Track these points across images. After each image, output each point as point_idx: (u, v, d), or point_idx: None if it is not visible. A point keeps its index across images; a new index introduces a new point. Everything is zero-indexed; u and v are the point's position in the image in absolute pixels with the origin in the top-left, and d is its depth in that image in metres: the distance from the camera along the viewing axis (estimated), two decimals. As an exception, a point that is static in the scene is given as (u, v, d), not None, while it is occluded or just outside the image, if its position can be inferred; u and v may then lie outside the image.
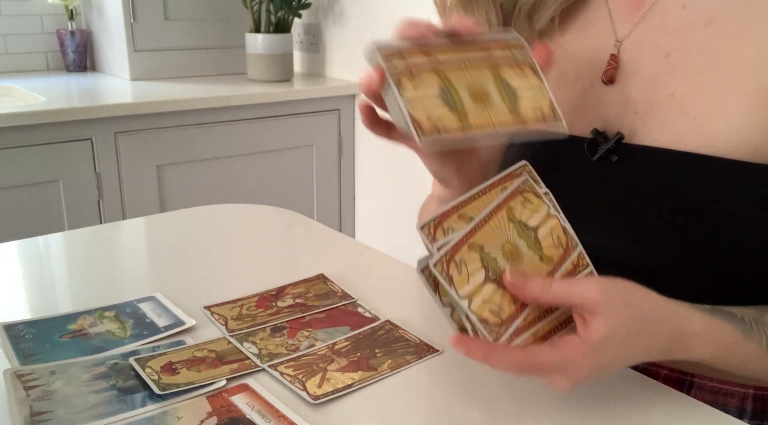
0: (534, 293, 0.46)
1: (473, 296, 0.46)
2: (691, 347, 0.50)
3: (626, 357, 0.48)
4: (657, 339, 0.48)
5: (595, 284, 0.46)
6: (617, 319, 0.45)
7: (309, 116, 2.01)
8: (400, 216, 2.03)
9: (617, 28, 0.63)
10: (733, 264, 0.57)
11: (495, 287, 0.47)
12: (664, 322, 0.48)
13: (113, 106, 1.65)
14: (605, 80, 0.62)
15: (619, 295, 0.46)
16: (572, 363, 0.45)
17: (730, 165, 0.55)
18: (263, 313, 0.66)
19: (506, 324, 0.46)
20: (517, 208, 0.50)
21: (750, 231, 0.56)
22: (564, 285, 0.46)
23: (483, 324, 0.45)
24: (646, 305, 0.48)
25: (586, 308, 0.45)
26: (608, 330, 0.45)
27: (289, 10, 2.01)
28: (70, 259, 0.82)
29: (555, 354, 0.45)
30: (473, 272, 0.46)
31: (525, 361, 0.45)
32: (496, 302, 0.46)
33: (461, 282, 0.45)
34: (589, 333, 0.45)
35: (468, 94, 0.50)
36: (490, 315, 0.46)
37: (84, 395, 0.52)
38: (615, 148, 0.60)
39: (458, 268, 0.46)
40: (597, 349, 0.45)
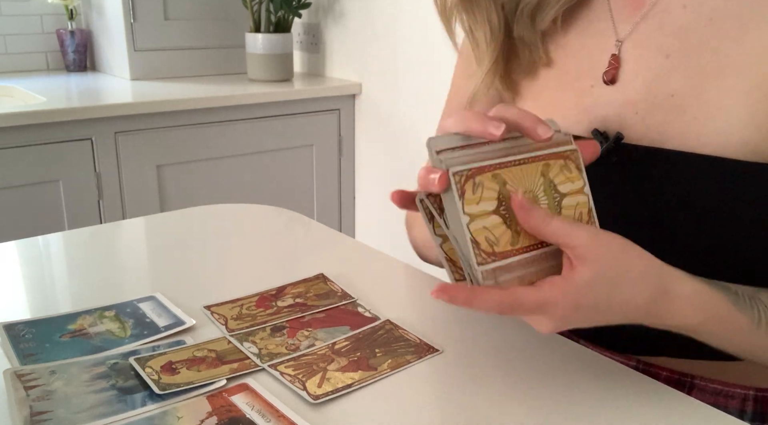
0: (536, 220, 0.46)
1: (476, 218, 0.46)
2: (676, 309, 0.50)
3: (609, 308, 0.48)
4: (641, 293, 0.48)
5: (593, 232, 0.47)
6: (603, 266, 0.46)
7: (309, 116, 2.01)
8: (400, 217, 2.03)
9: (618, 28, 0.63)
10: (733, 263, 0.57)
11: (500, 221, 0.47)
12: (651, 277, 0.49)
13: (113, 106, 1.65)
14: (606, 80, 0.62)
15: (611, 245, 0.47)
16: (553, 302, 0.46)
17: (730, 165, 0.55)
18: (263, 313, 0.66)
19: (496, 257, 0.47)
20: (554, 169, 0.50)
21: (750, 230, 0.56)
22: (565, 223, 0.47)
23: (473, 245, 0.46)
24: (636, 259, 0.48)
25: (576, 251, 0.46)
26: (592, 275, 0.46)
27: (289, 9, 2.01)
28: (70, 259, 0.82)
29: (536, 294, 0.46)
30: (486, 198, 0.47)
31: (506, 301, 0.46)
32: (496, 234, 0.47)
33: (471, 201, 0.46)
34: (572, 275, 0.46)
35: None
36: (483, 241, 0.46)
37: (84, 395, 0.52)
38: (615, 148, 0.60)
39: (474, 188, 0.46)
40: (578, 290, 0.46)
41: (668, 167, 0.58)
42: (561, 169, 0.51)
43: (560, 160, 0.51)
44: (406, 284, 0.76)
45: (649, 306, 0.49)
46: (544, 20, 0.66)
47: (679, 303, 0.50)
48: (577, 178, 0.51)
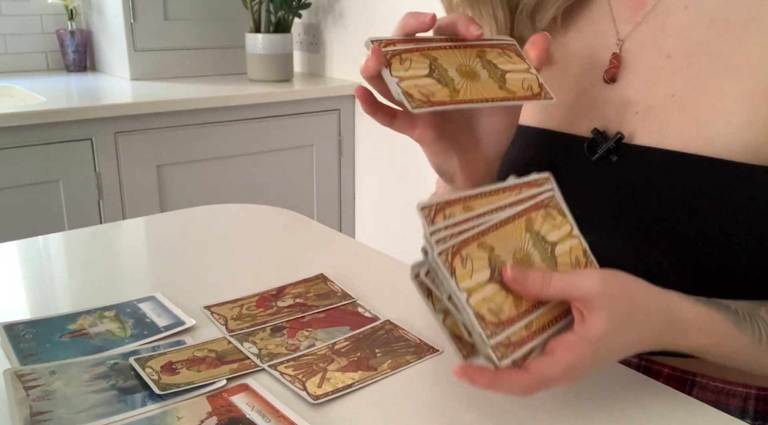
0: (535, 287, 0.46)
1: (473, 292, 0.45)
2: (683, 335, 0.50)
3: (624, 348, 0.48)
4: (651, 328, 0.48)
5: (595, 276, 0.46)
6: (614, 312, 0.45)
7: (309, 116, 2.01)
8: (400, 217, 2.03)
9: (619, 27, 0.63)
10: (732, 265, 0.57)
11: (498, 288, 0.46)
12: (658, 312, 0.49)
13: (113, 106, 1.65)
14: (607, 79, 0.62)
15: (615, 287, 0.46)
16: (574, 366, 0.45)
17: (730, 166, 0.55)
18: (263, 313, 0.66)
19: (504, 326, 0.45)
20: (538, 220, 0.49)
21: (749, 232, 0.56)
22: (564, 278, 0.46)
23: (478, 320, 0.44)
24: (640, 295, 0.48)
25: (584, 301, 0.45)
26: (605, 325, 0.45)
27: (289, 10, 2.01)
28: (70, 259, 0.82)
29: (557, 364, 0.45)
30: (478, 269, 0.45)
31: (531, 382, 0.45)
32: (497, 302, 0.45)
33: (463, 277, 0.44)
34: (587, 331, 0.45)
35: (457, 73, 0.51)
36: (487, 313, 0.45)
37: (84, 395, 0.52)
38: (615, 148, 0.60)
39: (463, 263, 0.45)
40: (596, 346, 0.45)
41: (668, 168, 0.58)
42: (544, 218, 0.50)
43: (541, 210, 0.50)
44: (406, 284, 0.75)
45: (659, 338, 0.49)
46: (543, 20, 0.66)
47: (684, 329, 0.50)
48: (563, 223, 0.50)
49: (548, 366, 0.45)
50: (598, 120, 0.62)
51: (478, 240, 0.46)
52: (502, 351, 0.45)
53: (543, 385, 0.45)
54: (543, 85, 0.53)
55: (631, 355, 0.49)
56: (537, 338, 0.46)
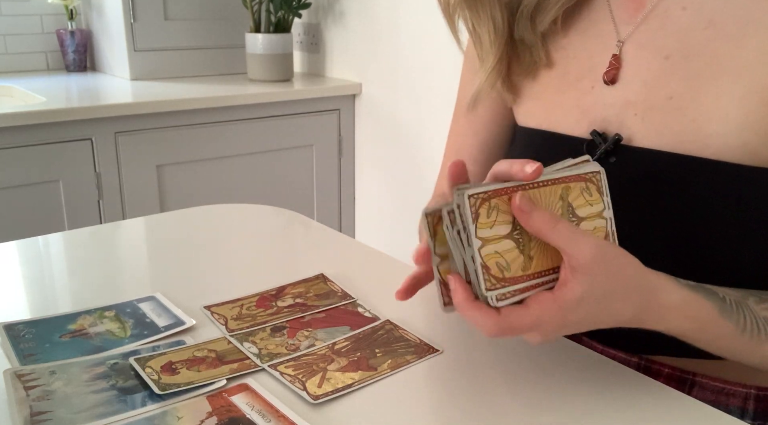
0: (538, 224, 0.46)
1: (488, 243, 0.46)
2: (663, 318, 0.51)
3: (596, 320, 0.49)
4: (629, 306, 0.49)
5: (594, 243, 0.47)
6: (595, 283, 0.46)
7: (309, 116, 2.01)
8: (400, 217, 2.03)
9: (620, 28, 0.63)
10: (730, 266, 0.57)
11: (513, 246, 0.47)
12: (641, 292, 0.49)
13: (113, 106, 1.65)
14: (607, 80, 0.62)
15: (607, 261, 0.47)
16: (541, 322, 0.47)
17: (728, 168, 0.55)
18: (263, 313, 0.66)
19: (506, 283, 0.47)
20: (574, 191, 0.50)
21: (747, 233, 0.56)
22: (572, 229, 0.47)
23: (483, 270, 0.46)
24: (627, 271, 0.48)
25: (573, 261, 0.46)
26: (583, 292, 0.46)
27: (289, 10, 2.01)
28: (70, 259, 0.82)
29: (526, 316, 0.47)
30: (501, 222, 0.46)
31: (498, 324, 0.46)
32: (507, 259, 0.47)
33: (484, 225, 0.46)
34: (563, 293, 0.46)
35: None
36: (494, 266, 0.46)
37: (84, 395, 0.52)
38: (613, 149, 0.60)
39: (488, 212, 0.46)
40: (565, 309, 0.46)
41: (666, 169, 0.58)
42: (581, 191, 0.50)
43: (581, 183, 0.50)
44: (406, 284, 0.75)
45: (635, 317, 0.50)
46: (543, 21, 0.65)
47: (665, 313, 0.51)
48: (597, 201, 0.51)
49: (517, 314, 0.47)
50: (597, 121, 0.62)
51: (510, 194, 0.47)
52: (492, 282, 0.46)
53: (509, 331, 0.47)
54: (609, 236, 0.51)
55: (607, 327, 0.50)
56: (528, 282, 0.48)
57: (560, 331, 0.48)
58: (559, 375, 0.56)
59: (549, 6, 0.65)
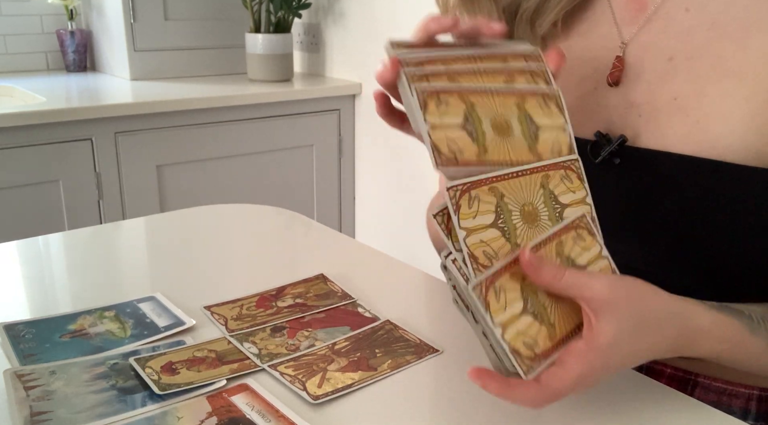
0: (548, 277, 0.45)
1: (508, 325, 0.44)
2: (698, 343, 0.50)
3: (635, 355, 0.47)
4: (665, 335, 0.47)
5: (606, 279, 0.45)
6: (623, 318, 0.45)
7: (309, 116, 2.01)
8: (400, 217, 2.03)
9: (622, 30, 0.63)
10: (735, 266, 0.57)
11: (532, 320, 0.46)
12: (672, 319, 0.48)
13: (113, 106, 1.65)
14: (610, 82, 0.62)
15: (626, 292, 0.46)
16: (584, 375, 0.44)
17: (732, 168, 0.55)
18: (263, 313, 0.66)
19: (539, 359, 0.45)
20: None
21: (752, 234, 0.56)
22: (576, 275, 0.46)
23: (515, 356, 0.44)
24: (652, 302, 0.47)
25: (592, 304, 0.45)
26: (614, 331, 0.44)
27: (289, 10, 2.01)
28: (70, 259, 0.82)
29: (567, 375, 0.44)
30: (511, 301, 0.45)
31: (541, 394, 0.44)
32: (532, 335, 0.45)
33: (498, 311, 0.44)
34: (595, 338, 0.44)
35: (491, 126, 0.49)
36: (523, 347, 0.45)
37: (84, 395, 0.52)
38: (618, 150, 0.60)
39: (497, 295, 0.45)
40: (605, 353, 0.44)
41: (670, 170, 0.58)
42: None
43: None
44: (406, 284, 0.76)
45: (673, 346, 0.49)
46: (543, 25, 0.65)
47: (700, 337, 0.49)
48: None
49: (559, 377, 0.44)
50: (601, 123, 0.62)
51: (510, 270, 0.46)
52: (528, 364, 0.45)
53: (554, 397, 0.45)
54: (572, 148, 0.51)
55: (645, 362, 0.48)
56: (561, 348, 0.46)
57: (603, 376, 0.46)
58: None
59: (548, 9, 0.65)
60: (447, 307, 0.67)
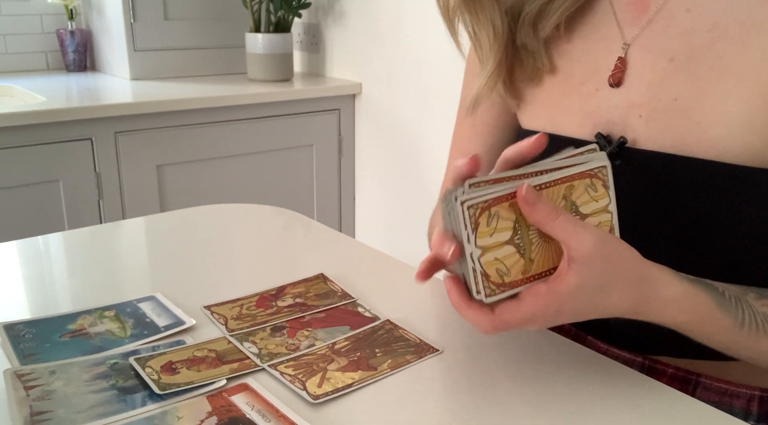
0: (541, 215, 0.46)
1: (488, 250, 0.46)
2: (660, 310, 0.51)
3: (591, 310, 0.49)
4: (626, 298, 0.49)
5: (595, 234, 0.47)
6: (592, 275, 0.47)
7: (309, 116, 2.01)
8: (400, 217, 2.03)
9: (625, 31, 0.63)
10: (734, 267, 0.57)
11: (513, 252, 0.47)
12: (638, 284, 0.49)
13: (113, 106, 1.65)
14: (612, 83, 0.62)
15: (606, 252, 0.47)
16: (536, 314, 0.47)
17: (732, 170, 0.55)
18: (263, 313, 0.66)
19: (505, 288, 0.47)
20: (579, 189, 0.49)
21: (751, 235, 0.56)
22: (570, 220, 0.47)
23: (483, 278, 0.46)
24: (626, 263, 0.49)
25: (572, 252, 0.46)
26: (578, 283, 0.46)
27: (289, 9, 2.01)
28: (70, 259, 0.82)
29: (520, 311, 0.47)
30: (501, 229, 0.47)
31: (492, 322, 0.47)
32: (507, 265, 0.47)
33: (483, 233, 0.46)
34: (559, 284, 0.47)
35: (537, 233, 0.48)
36: (494, 273, 0.47)
37: (84, 395, 0.52)
38: (618, 151, 0.60)
39: (488, 220, 0.46)
40: (561, 300, 0.47)
41: (670, 171, 0.58)
42: (586, 188, 0.50)
43: (586, 180, 0.50)
44: (406, 284, 0.76)
45: (632, 308, 0.50)
46: (545, 28, 0.65)
47: (663, 306, 0.51)
48: (602, 197, 0.50)
49: (511, 310, 0.47)
50: (601, 124, 0.62)
51: (510, 200, 0.47)
52: (491, 288, 0.47)
53: (502, 327, 0.48)
54: (613, 230, 0.51)
55: (602, 317, 0.50)
56: (529, 284, 0.48)
57: (556, 321, 0.49)
58: (560, 376, 0.56)
59: (551, 12, 0.64)
60: (447, 307, 0.67)
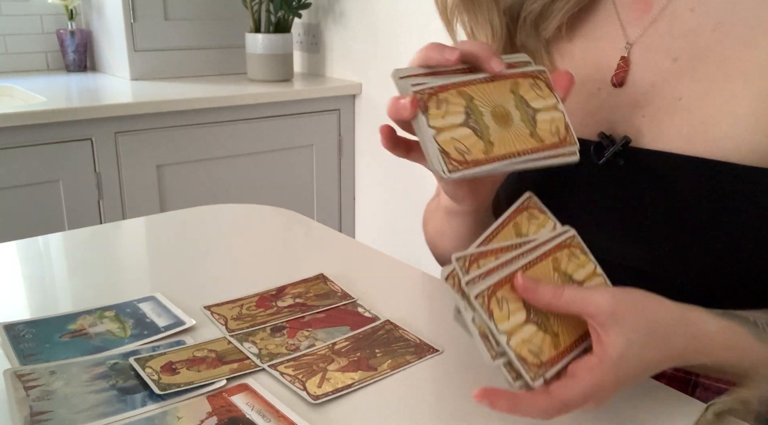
0: (546, 297, 0.45)
1: (513, 333, 0.44)
2: (706, 350, 0.49)
3: (646, 366, 0.47)
4: (675, 344, 0.47)
5: (607, 292, 0.45)
6: (630, 330, 0.44)
7: (309, 116, 2.01)
8: (400, 217, 2.03)
9: (628, 31, 0.63)
10: (739, 268, 0.57)
11: (536, 329, 0.46)
12: (679, 327, 0.47)
13: (113, 106, 1.65)
14: (615, 82, 0.62)
15: (631, 304, 0.45)
16: (596, 387, 0.44)
17: (737, 169, 0.55)
18: (263, 313, 0.66)
19: (545, 367, 0.45)
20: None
21: (756, 235, 0.56)
22: (576, 291, 0.45)
23: (521, 363, 0.44)
24: (659, 312, 0.47)
25: (598, 319, 0.44)
26: (623, 342, 0.44)
27: (289, 10, 2.01)
28: (70, 259, 0.82)
29: (578, 386, 0.44)
30: (514, 311, 0.45)
31: (552, 405, 0.44)
32: (536, 344, 0.45)
33: (501, 318, 0.44)
34: (605, 351, 0.44)
35: (492, 118, 0.48)
36: (529, 355, 0.45)
37: (84, 395, 0.52)
38: (622, 151, 0.60)
39: (499, 305, 0.45)
40: (617, 366, 0.44)
41: (674, 171, 0.58)
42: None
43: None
44: (406, 284, 0.76)
45: (682, 354, 0.48)
46: (548, 28, 0.65)
47: (708, 344, 0.49)
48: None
49: (570, 388, 0.44)
50: (605, 123, 0.62)
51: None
52: (534, 371, 0.45)
53: (565, 409, 0.44)
54: (569, 127, 0.52)
55: (656, 373, 0.48)
56: (566, 357, 0.46)
57: (615, 390, 0.46)
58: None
59: (554, 13, 0.64)
60: (447, 307, 0.67)
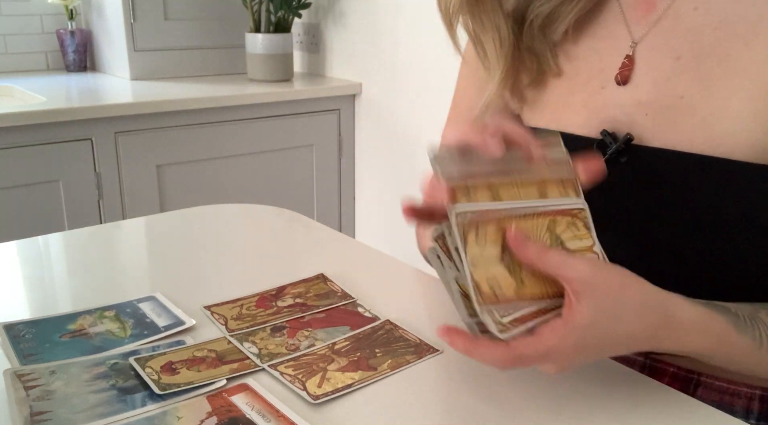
0: (532, 254, 0.46)
1: (478, 265, 0.46)
2: (681, 337, 0.49)
3: (613, 342, 0.47)
4: (646, 323, 0.47)
5: (590, 262, 0.46)
6: (602, 301, 0.45)
7: (309, 116, 2.01)
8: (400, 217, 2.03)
9: (632, 30, 0.63)
10: (740, 265, 0.57)
11: (502, 270, 0.47)
12: (654, 308, 0.48)
13: (113, 106, 1.65)
14: (620, 80, 0.62)
15: (609, 277, 0.46)
16: (555, 349, 0.45)
17: (739, 167, 0.55)
18: (263, 313, 0.66)
19: (499, 303, 0.46)
20: (561, 225, 0.50)
21: (757, 233, 0.56)
22: (560, 255, 0.46)
23: (475, 290, 0.45)
24: (636, 290, 0.47)
25: (573, 284, 0.45)
26: (592, 312, 0.45)
27: (289, 9, 2.01)
28: (70, 259, 0.82)
29: (537, 344, 0.45)
30: (489, 245, 0.47)
31: (508, 356, 0.45)
32: (498, 281, 0.46)
33: (473, 246, 0.46)
34: (573, 316, 0.45)
35: None
36: (486, 286, 0.46)
37: (84, 395, 0.52)
38: (624, 149, 0.60)
39: (477, 237, 0.46)
40: (579, 332, 0.45)
41: (677, 168, 0.58)
42: (568, 225, 0.50)
43: (567, 217, 0.50)
44: (406, 284, 0.76)
45: (653, 336, 0.48)
46: (556, 32, 0.65)
47: (682, 330, 0.49)
48: (585, 236, 0.50)
49: (527, 344, 0.45)
50: (607, 121, 0.62)
51: (497, 218, 0.47)
52: (487, 304, 0.46)
53: (519, 362, 0.45)
54: None
55: (626, 353, 0.49)
56: (538, 319, 0.47)
57: (577, 358, 0.47)
58: (559, 376, 0.56)
59: (561, 16, 0.64)
60: (447, 307, 0.67)
